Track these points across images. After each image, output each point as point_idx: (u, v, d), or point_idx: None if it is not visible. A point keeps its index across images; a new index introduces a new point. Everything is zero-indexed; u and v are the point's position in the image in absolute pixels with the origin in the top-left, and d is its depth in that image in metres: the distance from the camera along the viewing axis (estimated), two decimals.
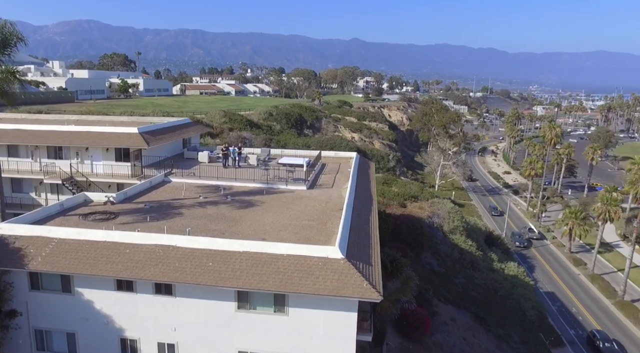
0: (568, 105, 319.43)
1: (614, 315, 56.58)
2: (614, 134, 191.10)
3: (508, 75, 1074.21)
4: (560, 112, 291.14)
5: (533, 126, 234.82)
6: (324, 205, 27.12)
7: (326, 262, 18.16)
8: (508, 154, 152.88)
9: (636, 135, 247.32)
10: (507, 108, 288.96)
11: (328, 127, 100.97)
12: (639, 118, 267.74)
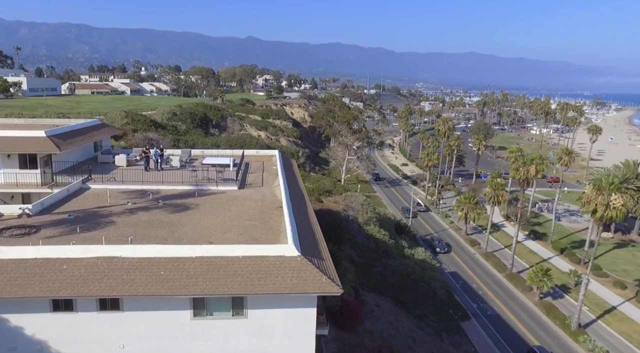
0: (451, 101, 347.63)
1: (505, 286, 63.37)
2: (491, 127, 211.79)
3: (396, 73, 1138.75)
4: (444, 108, 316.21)
5: (422, 120, 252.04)
6: (260, 204, 27.07)
7: (283, 261, 18.31)
8: (404, 147, 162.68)
9: (506, 127, 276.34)
10: (399, 104, 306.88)
11: (234, 125, 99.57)
12: (508, 112, 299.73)
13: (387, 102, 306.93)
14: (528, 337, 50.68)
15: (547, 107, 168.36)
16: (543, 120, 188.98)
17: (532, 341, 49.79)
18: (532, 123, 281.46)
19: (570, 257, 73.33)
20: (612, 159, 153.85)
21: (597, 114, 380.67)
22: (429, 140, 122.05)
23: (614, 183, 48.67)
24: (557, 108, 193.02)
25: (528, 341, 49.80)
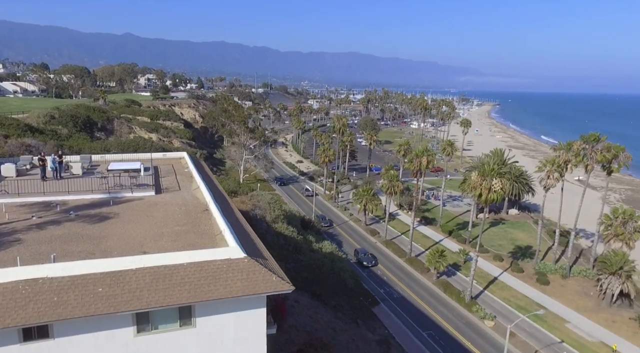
0: (337, 98, 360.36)
1: (406, 269, 67.92)
2: (377, 122, 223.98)
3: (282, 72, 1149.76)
4: (332, 105, 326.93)
5: (312, 118, 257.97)
6: (184, 208, 26.03)
7: (230, 264, 17.97)
8: (298, 145, 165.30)
9: (389, 123, 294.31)
10: (288, 102, 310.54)
11: (122, 128, 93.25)
12: (390, 108, 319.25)
13: (276, 100, 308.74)
14: (430, 313, 54.95)
15: (425, 103, 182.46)
16: (422, 115, 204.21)
17: (435, 317, 54.11)
18: (411, 118, 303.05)
19: (457, 237, 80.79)
20: (479, 148, 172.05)
21: (463, 109, 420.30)
22: (322, 137, 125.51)
23: (494, 170, 54.62)
24: (434, 104, 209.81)
25: (431, 317, 54.02)
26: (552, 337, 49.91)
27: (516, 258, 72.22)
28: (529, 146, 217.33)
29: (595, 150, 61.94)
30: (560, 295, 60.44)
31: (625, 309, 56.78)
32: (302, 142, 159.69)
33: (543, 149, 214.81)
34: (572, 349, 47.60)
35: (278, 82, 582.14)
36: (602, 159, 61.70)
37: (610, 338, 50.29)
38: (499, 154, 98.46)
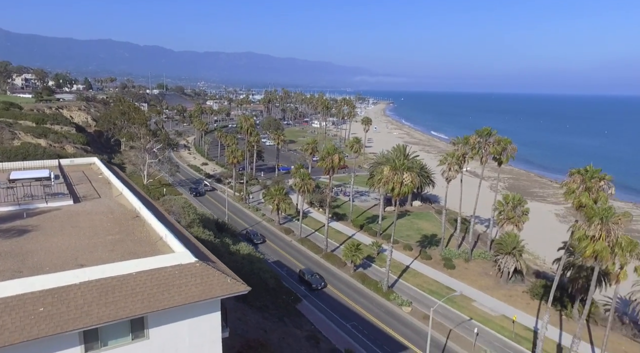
0: (237, 99, 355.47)
1: (324, 265, 69.37)
2: (280, 122, 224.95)
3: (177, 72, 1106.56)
4: (233, 106, 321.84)
5: (213, 119, 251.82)
6: (111, 216, 24.36)
7: (182, 269, 17.29)
8: (201, 147, 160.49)
9: (291, 122, 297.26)
10: (186, 103, 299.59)
11: (3, 134, 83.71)
12: (291, 108, 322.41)
13: (173, 102, 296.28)
14: (352, 305, 56.79)
15: (327, 102, 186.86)
16: (323, 114, 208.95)
17: (356, 308, 56.03)
18: (312, 117, 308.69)
19: (368, 231, 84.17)
20: (379, 145, 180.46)
21: (360, 107, 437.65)
22: (228, 138, 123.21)
23: (404, 164, 57.87)
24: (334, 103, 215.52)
25: (353, 309, 55.86)
26: (462, 316, 54.17)
27: (424, 246, 77.07)
28: (424, 141, 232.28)
29: (488, 144, 68.23)
30: (465, 277, 65.76)
31: (519, 284, 63.39)
32: (205, 144, 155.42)
33: (436, 144, 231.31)
34: (479, 325, 52.03)
35: (173, 82, 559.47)
36: (494, 151, 68.13)
37: (510, 310, 55.85)
38: (402, 149, 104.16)
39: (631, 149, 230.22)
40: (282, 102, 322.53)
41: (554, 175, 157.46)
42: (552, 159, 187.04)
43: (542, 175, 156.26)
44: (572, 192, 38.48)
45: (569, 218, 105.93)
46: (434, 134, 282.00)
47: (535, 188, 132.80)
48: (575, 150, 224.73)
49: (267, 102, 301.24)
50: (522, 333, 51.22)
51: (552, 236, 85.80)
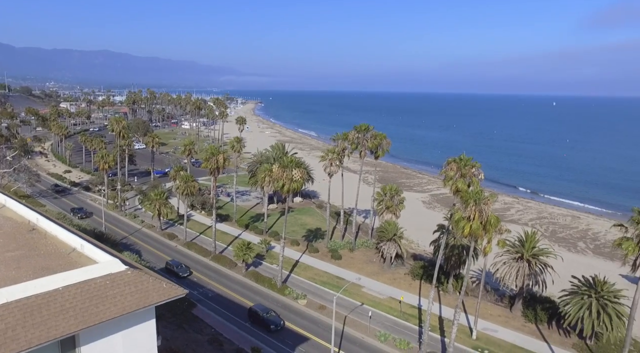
0: (97, 101, 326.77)
1: (214, 267, 68.06)
2: (148, 124, 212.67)
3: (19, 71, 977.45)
4: (93, 108, 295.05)
5: (71, 122, 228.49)
6: (1, 231, 21.48)
7: (114, 278, 16.16)
8: (62, 153, 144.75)
9: (159, 124, 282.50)
10: (36, 106, 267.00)
11: None
12: (158, 109, 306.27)
13: (20, 104, 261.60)
14: (248, 304, 56.59)
15: (199, 102, 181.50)
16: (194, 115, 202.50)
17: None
18: (181, 118, 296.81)
19: (254, 230, 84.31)
20: (253, 144, 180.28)
21: (230, 107, 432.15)
22: (95, 142, 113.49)
23: (293, 161, 59.25)
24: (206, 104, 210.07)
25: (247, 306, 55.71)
26: (354, 302, 57.33)
27: (310, 240, 79.59)
28: (296, 139, 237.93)
29: (366, 139, 72.85)
30: (352, 265, 69.58)
31: (400, 267, 68.95)
32: (67, 150, 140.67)
33: (307, 141, 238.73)
34: (371, 308, 55.54)
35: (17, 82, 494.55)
36: (372, 146, 72.96)
37: (395, 292, 60.60)
38: (281, 147, 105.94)
39: (472, 140, 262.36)
40: (148, 103, 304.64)
41: (417, 166, 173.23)
42: (413, 152, 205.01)
43: (407, 167, 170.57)
44: (450, 179, 43.23)
45: (434, 204, 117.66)
46: (304, 131, 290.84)
47: (403, 179, 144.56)
48: (430, 142, 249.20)
49: (131, 103, 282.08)
50: (409, 311, 56.01)
51: (422, 220, 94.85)
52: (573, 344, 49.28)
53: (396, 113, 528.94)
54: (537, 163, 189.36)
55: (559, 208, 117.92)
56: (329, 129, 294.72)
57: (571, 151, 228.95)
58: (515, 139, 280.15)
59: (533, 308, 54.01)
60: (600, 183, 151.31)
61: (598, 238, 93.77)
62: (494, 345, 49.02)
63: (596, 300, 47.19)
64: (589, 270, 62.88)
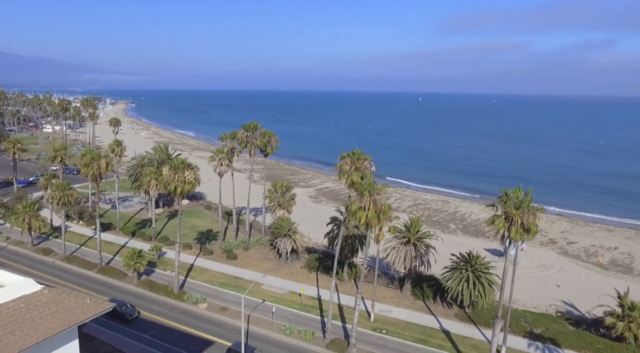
0: None
1: (102, 280, 63.36)
2: (2, 128, 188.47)
3: None
4: None
5: None
6: None
7: (30, 300, 14.82)
8: None
9: (14, 128, 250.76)
10: None
11: None
12: (12, 111, 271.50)
13: None
14: (145, 315, 53.88)
15: (64, 103, 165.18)
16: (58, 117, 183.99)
17: (151, 317, 53.41)
18: (40, 121, 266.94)
19: (142, 237, 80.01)
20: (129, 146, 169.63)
21: (98, 108, 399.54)
22: None
23: (184, 163, 57.49)
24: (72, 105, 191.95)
25: (147, 319, 53.07)
26: (255, 300, 57.56)
27: (203, 243, 77.87)
28: (175, 140, 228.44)
29: (256, 137, 73.16)
30: (249, 264, 69.68)
31: (296, 262, 70.79)
32: None
33: (187, 142, 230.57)
34: (273, 304, 56.25)
35: None
36: (261, 144, 73.47)
37: (294, 286, 62.21)
38: (164, 149, 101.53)
39: (348, 135, 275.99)
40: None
41: (301, 163, 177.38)
42: (294, 148, 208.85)
43: (291, 163, 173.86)
44: (345, 173, 45.66)
45: (320, 198, 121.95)
46: (182, 132, 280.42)
47: (288, 175, 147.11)
48: (309, 138, 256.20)
49: None
50: (310, 303, 57.95)
51: (310, 215, 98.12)
52: (455, 314, 55.32)
53: (275, 110, 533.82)
54: (407, 154, 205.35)
55: (431, 195, 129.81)
56: (207, 129, 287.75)
57: (434, 142, 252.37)
58: (386, 132, 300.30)
59: (420, 287, 59.32)
60: (460, 170, 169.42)
61: (465, 219, 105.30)
62: (390, 324, 53.02)
63: (472, 273, 53.43)
64: (462, 247, 70.28)
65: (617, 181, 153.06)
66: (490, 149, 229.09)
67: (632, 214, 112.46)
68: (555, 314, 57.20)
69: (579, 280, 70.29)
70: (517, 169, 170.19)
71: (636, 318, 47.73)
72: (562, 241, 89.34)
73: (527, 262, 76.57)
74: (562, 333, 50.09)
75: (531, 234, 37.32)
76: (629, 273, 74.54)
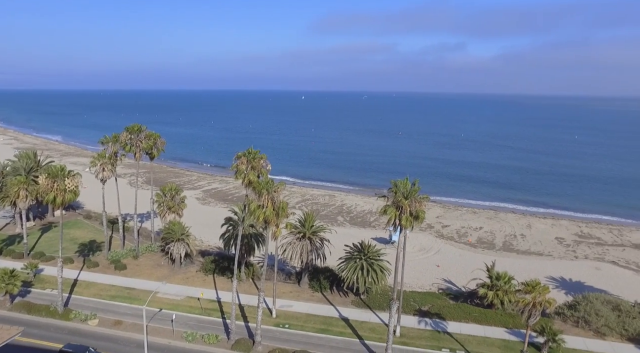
0: None
1: None
2: None
3: None
4: None
5: None
6: None
7: None
8: None
9: None
10: None
11: None
12: None
13: None
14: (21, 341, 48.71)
15: None
16: None
17: (30, 343, 48.51)
18: None
19: (11, 254, 71.86)
20: None
21: None
22: None
23: (63, 169, 52.93)
24: None
25: (24, 345, 48.07)
26: (152, 310, 55.02)
27: (86, 255, 72.44)
28: (40, 145, 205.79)
29: (140, 139, 69.62)
30: (140, 273, 66.44)
31: (191, 266, 69.16)
32: None
33: (55, 147, 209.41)
34: (171, 312, 54.28)
35: None
36: (147, 147, 70.15)
37: (192, 291, 60.82)
38: (31, 156, 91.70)
39: (229, 134, 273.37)
40: None
41: (184, 164, 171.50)
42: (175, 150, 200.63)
43: (174, 166, 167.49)
44: (242, 172, 45.85)
45: (208, 200, 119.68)
46: (47, 136, 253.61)
47: (172, 178, 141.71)
48: (189, 139, 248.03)
49: None
50: (210, 306, 57.24)
51: (200, 217, 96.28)
52: (352, 301, 58.69)
53: (151, 111, 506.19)
54: (291, 152, 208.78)
55: (317, 190, 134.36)
56: (77, 133, 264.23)
57: (316, 139, 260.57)
58: (269, 131, 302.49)
59: (317, 279, 61.76)
60: (341, 166, 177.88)
61: (351, 211, 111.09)
62: (292, 318, 54.55)
63: (365, 261, 57.08)
64: (351, 238, 74.63)
65: (475, 169, 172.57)
66: (366, 144, 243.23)
67: (490, 197, 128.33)
68: (438, 291, 63.62)
69: (454, 259, 78.61)
70: (391, 162, 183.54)
71: (502, 287, 55.13)
72: (438, 225, 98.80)
73: (410, 246, 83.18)
74: (445, 307, 55.94)
75: (419, 220, 41.25)
76: (492, 248, 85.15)
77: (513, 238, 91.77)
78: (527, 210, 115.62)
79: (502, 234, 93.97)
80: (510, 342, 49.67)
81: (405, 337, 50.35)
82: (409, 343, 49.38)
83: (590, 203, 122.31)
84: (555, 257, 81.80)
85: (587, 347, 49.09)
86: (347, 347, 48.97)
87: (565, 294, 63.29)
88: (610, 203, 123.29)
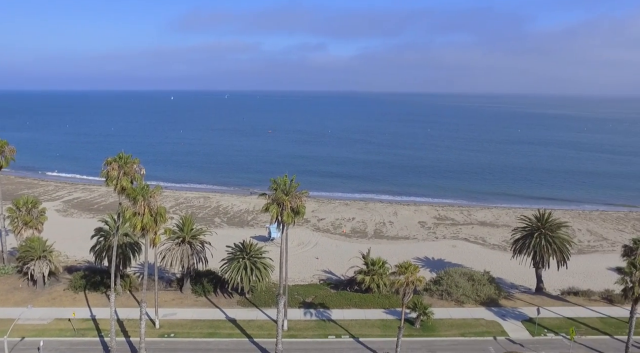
0: None
1: None
2: None
3: None
4: None
5: None
6: None
7: None
8: None
9: None
10: None
11: None
12: None
13: None
14: None
15: None
16: None
17: None
18: None
19: None
20: None
21: None
22: None
23: None
24: None
25: None
26: (12, 340, 48.92)
27: None
28: None
29: None
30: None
31: (57, 285, 62.88)
32: None
33: None
34: (39, 338, 49.01)
35: None
36: None
37: (61, 312, 55.42)
38: None
39: (84, 139, 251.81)
40: None
41: (36, 175, 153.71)
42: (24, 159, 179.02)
43: (24, 176, 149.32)
44: (113, 179, 43.06)
45: (70, 211, 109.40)
46: None
47: (24, 190, 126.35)
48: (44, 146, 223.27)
49: None
50: (83, 326, 52.81)
51: (63, 230, 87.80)
52: (238, 301, 58.72)
53: None
54: (159, 155, 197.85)
55: (192, 193, 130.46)
56: None
57: (185, 140, 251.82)
58: (134, 134, 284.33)
59: (200, 284, 60.49)
60: (212, 167, 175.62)
61: (228, 212, 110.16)
62: (177, 326, 52.87)
63: (248, 260, 57.44)
64: (231, 239, 73.79)
65: (343, 164, 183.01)
66: (236, 144, 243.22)
67: (359, 190, 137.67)
68: (319, 282, 66.59)
69: (332, 250, 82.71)
70: (262, 161, 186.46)
71: (377, 271, 59.74)
72: (314, 219, 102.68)
73: (289, 241, 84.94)
74: (327, 296, 58.93)
75: (300, 215, 42.96)
76: (365, 237, 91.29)
77: (383, 225, 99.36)
78: (392, 199, 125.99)
79: (373, 223, 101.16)
80: (388, 321, 54.20)
81: (293, 330, 51.99)
82: (297, 335, 51.15)
83: (444, 190, 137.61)
84: (420, 239, 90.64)
85: (450, 315, 55.76)
86: (237, 348, 49.09)
87: (430, 272, 70.49)
88: (460, 188, 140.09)
